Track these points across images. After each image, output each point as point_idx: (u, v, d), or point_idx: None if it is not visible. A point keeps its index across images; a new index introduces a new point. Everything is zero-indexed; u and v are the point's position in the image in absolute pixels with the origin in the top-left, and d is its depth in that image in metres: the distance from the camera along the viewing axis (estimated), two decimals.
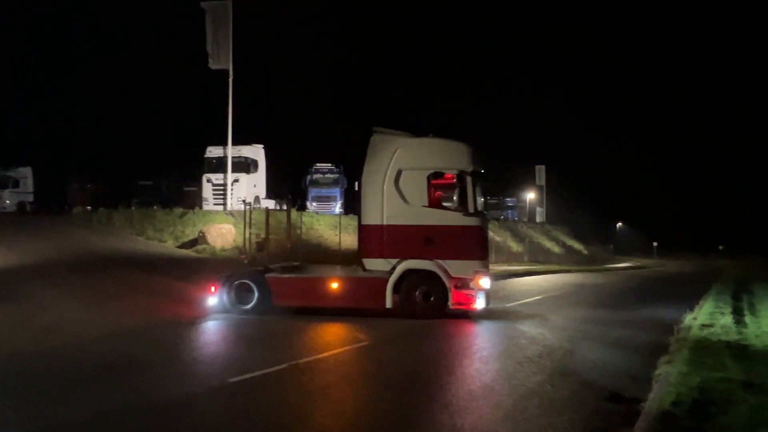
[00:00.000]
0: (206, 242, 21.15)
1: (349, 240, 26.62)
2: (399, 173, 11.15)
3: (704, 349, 7.72)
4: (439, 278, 10.91)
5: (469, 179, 11.00)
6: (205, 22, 24.60)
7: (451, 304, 10.87)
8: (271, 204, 25.80)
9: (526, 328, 10.33)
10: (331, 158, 32.76)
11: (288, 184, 32.45)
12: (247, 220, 20.38)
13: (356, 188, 12.81)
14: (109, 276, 13.30)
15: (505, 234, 41.59)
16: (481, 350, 8.80)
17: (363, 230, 11.58)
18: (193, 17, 26.35)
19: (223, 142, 25.50)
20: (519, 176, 53.54)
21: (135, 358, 7.28)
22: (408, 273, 11.02)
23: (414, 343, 9.08)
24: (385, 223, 11.15)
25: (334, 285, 11.33)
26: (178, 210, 24.89)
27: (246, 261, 19.67)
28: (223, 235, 21.71)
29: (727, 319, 11.17)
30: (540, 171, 53.44)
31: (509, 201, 49.88)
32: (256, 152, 27.06)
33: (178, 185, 35.08)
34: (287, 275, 12.03)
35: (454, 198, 11.11)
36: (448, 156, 11.43)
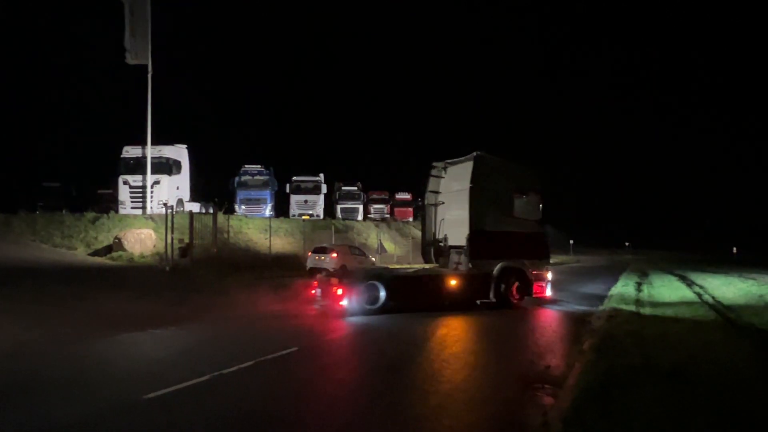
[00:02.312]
0: (123, 249, 19.72)
1: (279, 243, 25.95)
2: (496, 190, 13.55)
3: (610, 338, 8.39)
4: (526, 274, 13.69)
5: (540, 196, 14.21)
6: (123, 15, 23.07)
7: (532, 294, 13.68)
8: (195, 207, 24.59)
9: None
10: (260, 160, 31.88)
11: (215, 187, 31.15)
12: (169, 224, 19.29)
13: (421, 201, 15.43)
14: (7, 288, 11.95)
15: None
16: (408, 342, 8.89)
17: (473, 236, 13.25)
18: (111, 9, 24.54)
19: (142, 142, 23.96)
20: None
21: (37, 379, 6.56)
22: (504, 270, 13.37)
23: (341, 346, 9.00)
24: (487, 229, 13.34)
25: (453, 282, 12.98)
26: (90, 214, 23.00)
27: (167, 268, 18.58)
28: (142, 240, 20.35)
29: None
30: None
31: None
32: (179, 152, 25.63)
33: (91, 187, 32.53)
34: (412, 274, 13.49)
35: (530, 210, 14.05)
36: (529, 178, 14.31)
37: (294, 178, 34.25)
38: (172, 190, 24.39)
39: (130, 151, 24.57)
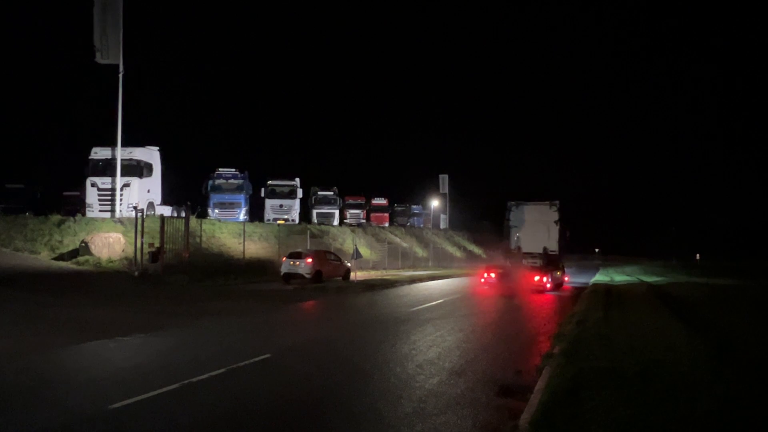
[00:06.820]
0: (90, 253, 19.12)
1: (254, 248, 25.57)
2: (561, 223, 23.16)
3: (579, 343, 8.62)
4: (564, 268, 24.98)
5: (567, 227, 24.52)
6: (93, 12, 22.47)
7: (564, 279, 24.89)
8: (167, 211, 24.05)
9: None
10: (235, 163, 31.43)
11: (188, 190, 30.53)
12: (139, 228, 18.78)
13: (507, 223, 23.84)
14: None
15: (412, 240, 42.76)
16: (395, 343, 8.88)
17: (560, 249, 23.30)
18: (81, 6, 23.93)
19: (112, 143, 23.31)
20: (424, 185, 55.58)
21: None
22: (562, 267, 24.08)
23: (315, 351, 8.92)
24: (561, 244, 23.40)
25: (558, 273, 22.90)
26: (56, 217, 22.25)
27: (137, 273, 18.07)
28: (111, 244, 19.78)
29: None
30: (443, 180, 55.74)
31: (415, 208, 51.33)
32: (151, 155, 25.01)
33: (57, 190, 31.51)
34: (556, 268, 22.74)
35: (564, 233, 23.80)
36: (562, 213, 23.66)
37: (269, 182, 33.87)
38: (142, 193, 23.78)
39: (99, 153, 23.84)
